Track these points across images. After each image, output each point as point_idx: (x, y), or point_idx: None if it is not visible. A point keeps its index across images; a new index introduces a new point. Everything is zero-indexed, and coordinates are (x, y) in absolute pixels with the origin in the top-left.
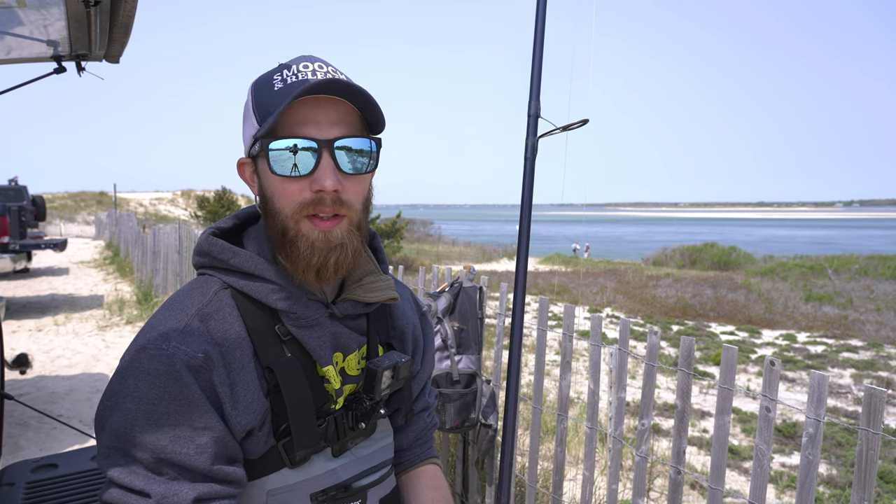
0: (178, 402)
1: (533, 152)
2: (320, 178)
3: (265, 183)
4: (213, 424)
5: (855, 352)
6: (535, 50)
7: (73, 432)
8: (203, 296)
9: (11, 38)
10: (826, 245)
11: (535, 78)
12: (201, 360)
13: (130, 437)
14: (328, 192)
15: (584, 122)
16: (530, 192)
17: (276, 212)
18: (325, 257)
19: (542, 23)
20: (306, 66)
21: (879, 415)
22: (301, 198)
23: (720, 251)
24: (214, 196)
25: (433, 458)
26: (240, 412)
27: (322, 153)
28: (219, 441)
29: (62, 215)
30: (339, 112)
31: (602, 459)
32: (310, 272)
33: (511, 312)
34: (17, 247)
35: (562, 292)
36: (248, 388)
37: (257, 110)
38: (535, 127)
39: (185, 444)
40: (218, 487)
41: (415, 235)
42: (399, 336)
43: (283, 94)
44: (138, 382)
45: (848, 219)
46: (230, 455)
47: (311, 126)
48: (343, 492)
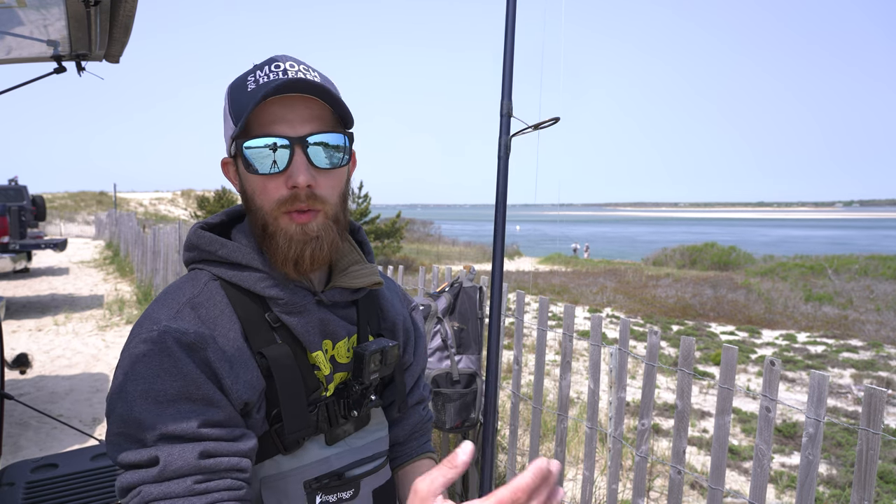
0: (173, 377)
1: (506, 151)
2: (294, 174)
3: (245, 181)
4: (213, 396)
5: (855, 352)
6: (506, 48)
7: (73, 432)
8: (194, 287)
9: (11, 38)
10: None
11: (507, 76)
12: (192, 338)
13: (133, 419)
14: (301, 187)
15: (556, 120)
16: (504, 190)
17: (257, 208)
18: (301, 249)
19: (512, 21)
20: (277, 66)
21: (879, 415)
22: (278, 195)
23: (720, 251)
24: (214, 196)
25: (429, 452)
26: (241, 387)
27: (294, 150)
28: (222, 413)
29: (62, 215)
30: (310, 109)
31: (602, 459)
32: (288, 264)
33: (495, 311)
34: (17, 247)
35: (562, 292)
36: (246, 366)
37: (232, 111)
38: (508, 126)
39: (185, 417)
40: (224, 445)
41: (415, 235)
42: (390, 328)
43: (255, 94)
44: (134, 366)
45: (848, 219)
46: (235, 422)
47: (283, 124)
48: (336, 480)
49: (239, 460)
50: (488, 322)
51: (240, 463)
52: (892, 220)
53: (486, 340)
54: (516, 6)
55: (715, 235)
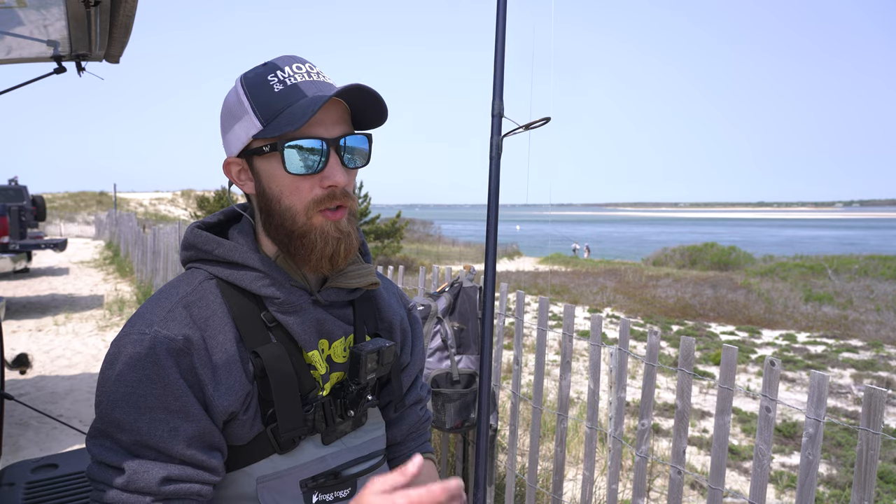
0: (155, 385)
1: (498, 151)
2: (331, 174)
3: (270, 182)
4: (190, 409)
5: (855, 352)
6: (497, 48)
7: (73, 432)
8: (188, 286)
9: (11, 38)
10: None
11: (498, 77)
12: (181, 343)
13: (113, 419)
14: (340, 187)
15: (547, 119)
16: (496, 190)
17: (285, 209)
18: (336, 246)
19: (502, 21)
20: (299, 67)
21: (879, 415)
22: (312, 194)
23: (720, 251)
24: (214, 196)
25: (428, 453)
26: (222, 394)
27: (331, 151)
28: (196, 426)
29: (62, 215)
30: (338, 112)
31: (602, 459)
32: (324, 261)
33: (489, 311)
34: (17, 247)
35: (562, 292)
36: (230, 371)
37: (258, 110)
38: (500, 126)
39: (160, 427)
40: (190, 471)
41: (415, 235)
42: (387, 328)
43: (288, 95)
44: (121, 367)
45: (849, 219)
46: (209, 442)
47: (320, 126)
48: (333, 479)
49: (200, 487)
50: (481, 322)
51: (201, 490)
52: (893, 220)
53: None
54: (507, 7)
55: (721, 236)
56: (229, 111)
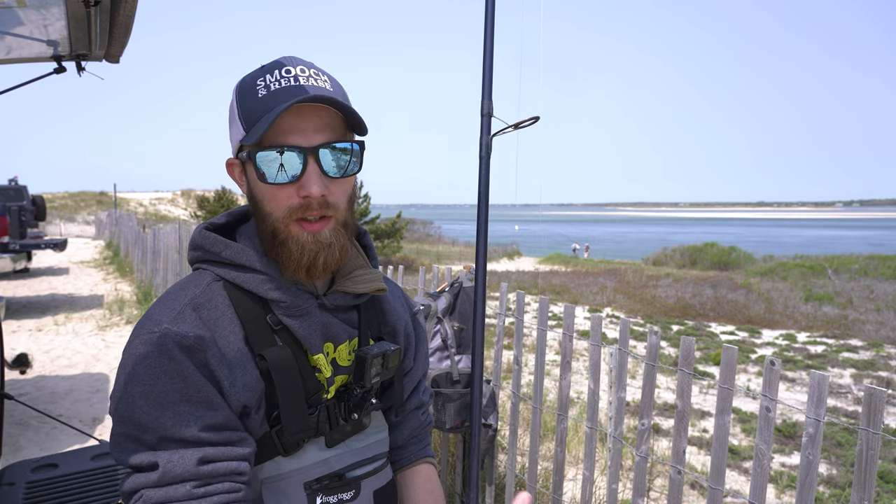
0: (173, 379)
1: (487, 151)
2: (307, 184)
3: (254, 188)
4: (213, 399)
5: (855, 352)
6: (486, 48)
7: (73, 432)
8: (196, 287)
9: (11, 38)
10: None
11: (487, 77)
12: (192, 340)
13: (134, 420)
14: (315, 197)
15: (536, 119)
16: (486, 190)
17: (266, 215)
18: (314, 257)
19: (491, 21)
20: (288, 72)
21: (879, 415)
22: (289, 203)
23: (720, 251)
24: (214, 196)
25: (428, 457)
26: (239, 390)
27: (308, 160)
28: (222, 415)
29: (62, 215)
30: (322, 118)
31: (602, 459)
32: (300, 271)
33: (479, 311)
34: (17, 247)
35: (562, 292)
36: (245, 368)
37: (242, 116)
38: (489, 126)
39: (185, 419)
40: (225, 450)
41: (415, 235)
42: (391, 332)
43: (267, 102)
44: (135, 367)
45: (849, 219)
46: (233, 425)
47: (297, 134)
48: (337, 481)
49: (238, 464)
50: (471, 323)
51: (238, 467)
52: (893, 220)
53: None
54: (495, 6)
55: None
56: (229, 114)
